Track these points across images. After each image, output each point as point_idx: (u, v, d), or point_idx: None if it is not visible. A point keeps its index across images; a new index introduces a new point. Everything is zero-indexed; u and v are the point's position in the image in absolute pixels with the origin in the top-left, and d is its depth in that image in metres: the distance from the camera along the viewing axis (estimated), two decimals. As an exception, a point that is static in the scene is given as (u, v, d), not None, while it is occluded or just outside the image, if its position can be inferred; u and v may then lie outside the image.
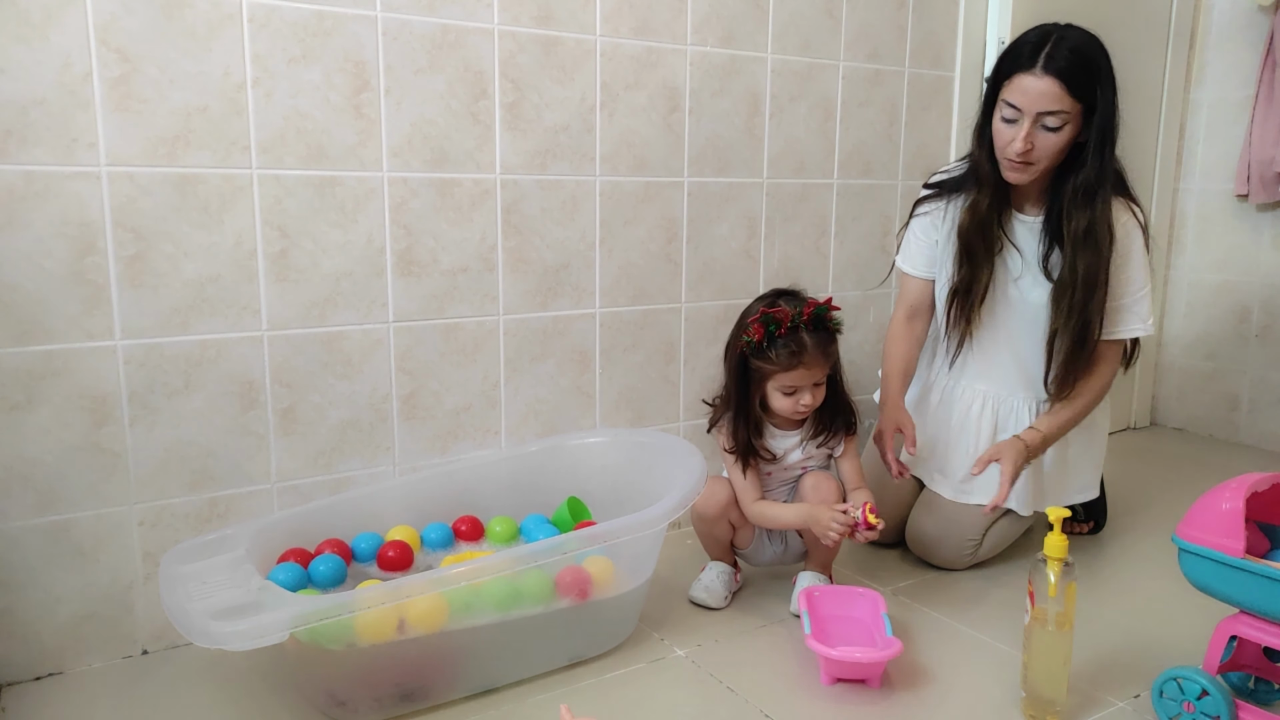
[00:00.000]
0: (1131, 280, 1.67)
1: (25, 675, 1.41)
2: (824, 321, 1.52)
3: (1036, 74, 1.53)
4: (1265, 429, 2.69)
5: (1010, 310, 1.75)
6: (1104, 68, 1.57)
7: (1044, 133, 1.57)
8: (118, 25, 1.35)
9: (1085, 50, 1.55)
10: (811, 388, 1.53)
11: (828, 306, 1.53)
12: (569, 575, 1.39)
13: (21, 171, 1.32)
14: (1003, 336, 1.77)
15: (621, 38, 1.78)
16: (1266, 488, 1.21)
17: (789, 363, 1.50)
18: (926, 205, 1.81)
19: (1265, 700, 1.29)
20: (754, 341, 1.51)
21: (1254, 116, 2.57)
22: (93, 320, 1.39)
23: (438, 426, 1.71)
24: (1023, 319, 1.73)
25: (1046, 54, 1.53)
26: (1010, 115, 1.58)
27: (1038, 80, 1.53)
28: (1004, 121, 1.59)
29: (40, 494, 1.39)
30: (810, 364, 1.50)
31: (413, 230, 1.63)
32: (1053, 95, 1.53)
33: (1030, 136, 1.56)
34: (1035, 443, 1.68)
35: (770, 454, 1.60)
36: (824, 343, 1.52)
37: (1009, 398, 1.79)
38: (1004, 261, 1.73)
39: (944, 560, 1.80)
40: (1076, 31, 1.58)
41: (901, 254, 1.87)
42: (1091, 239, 1.60)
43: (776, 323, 1.49)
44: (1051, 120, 1.55)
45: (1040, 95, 1.54)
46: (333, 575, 1.41)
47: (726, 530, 1.66)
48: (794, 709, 1.33)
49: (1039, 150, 1.58)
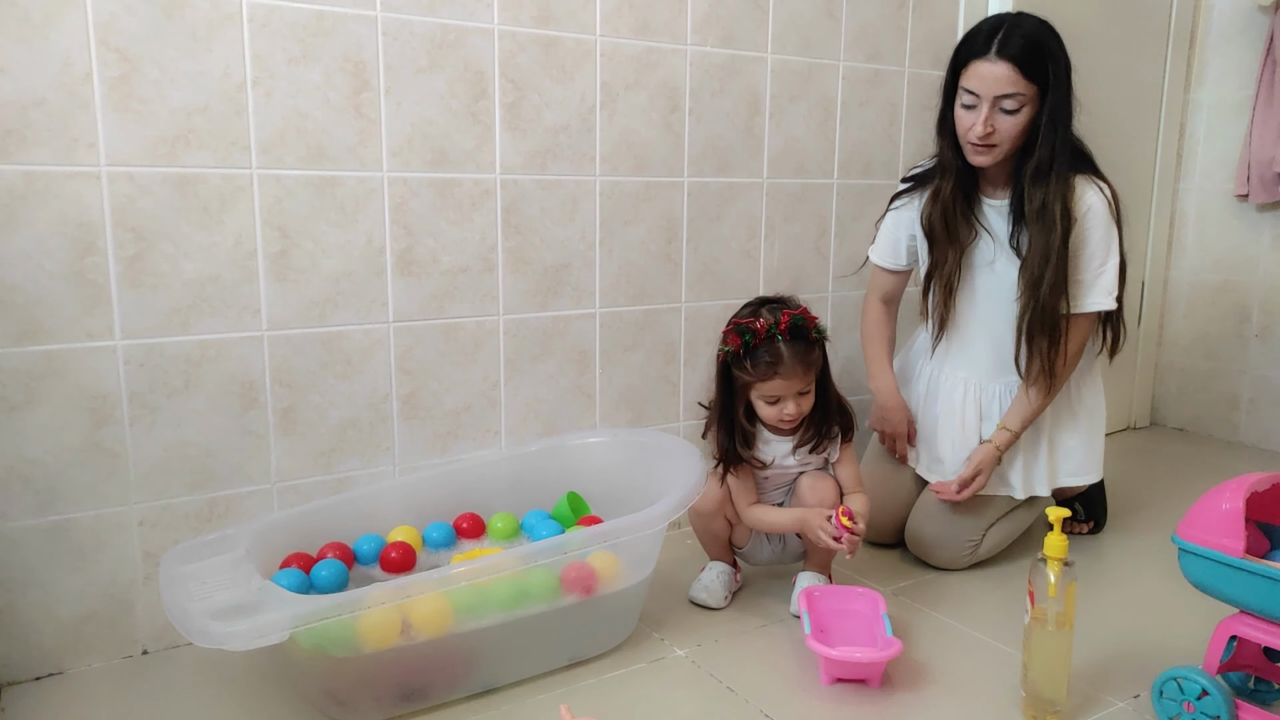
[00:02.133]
0: (1093, 255, 1.69)
1: (25, 675, 1.41)
2: (803, 330, 1.50)
3: (991, 59, 1.60)
4: (1265, 429, 2.69)
5: (988, 295, 1.78)
6: (1056, 51, 1.63)
7: (1003, 115, 1.62)
8: (118, 25, 1.35)
9: (1037, 35, 1.62)
10: (795, 397, 1.52)
11: (804, 316, 1.51)
12: (574, 571, 1.39)
13: (21, 171, 1.32)
14: (981, 322, 1.80)
15: (621, 38, 1.78)
16: (1266, 488, 1.21)
17: (766, 373, 1.49)
18: (901, 199, 1.86)
19: (1265, 700, 1.29)
20: (732, 351, 1.51)
21: (1254, 116, 2.57)
22: (93, 320, 1.39)
23: (438, 426, 1.71)
24: (1000, 302, 1.76)
25: (1000, 40, 1.60)
26: (969, 101, 1.64)
27: (993, 65, 1.60)
28: (964, 108, 1.66)
29: (40, 494, 1.39)
30: (788, 374, 1.49)
31: (413, 230, 1.63)
32: (1008, 79, 1.59)
33: (990, 120, 1.62)
34: (1005, 443, 1.74)
35: (760, 462, 1.59)
36: (802, 352, 1.50)
37: (990, 384, 1.81)
38: (978, 247, 1.77)
39: (943, 561, 1.80)
40: (1029, 18, 1.65)
41: (875, 246, 1.92)
42: (1047, 216, 1.64)
43: (752, 333, 1.48)
44: (1008, 103, 1.61)
45: (996, 80, 1.60)
46: (334, 581, 1.40)
47: (724, 527, 1.66)
48: (794, 709, 1.33)
49: (1000, 133, 1.64)
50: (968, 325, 1.81)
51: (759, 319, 1.50)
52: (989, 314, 1.78)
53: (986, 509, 1.79)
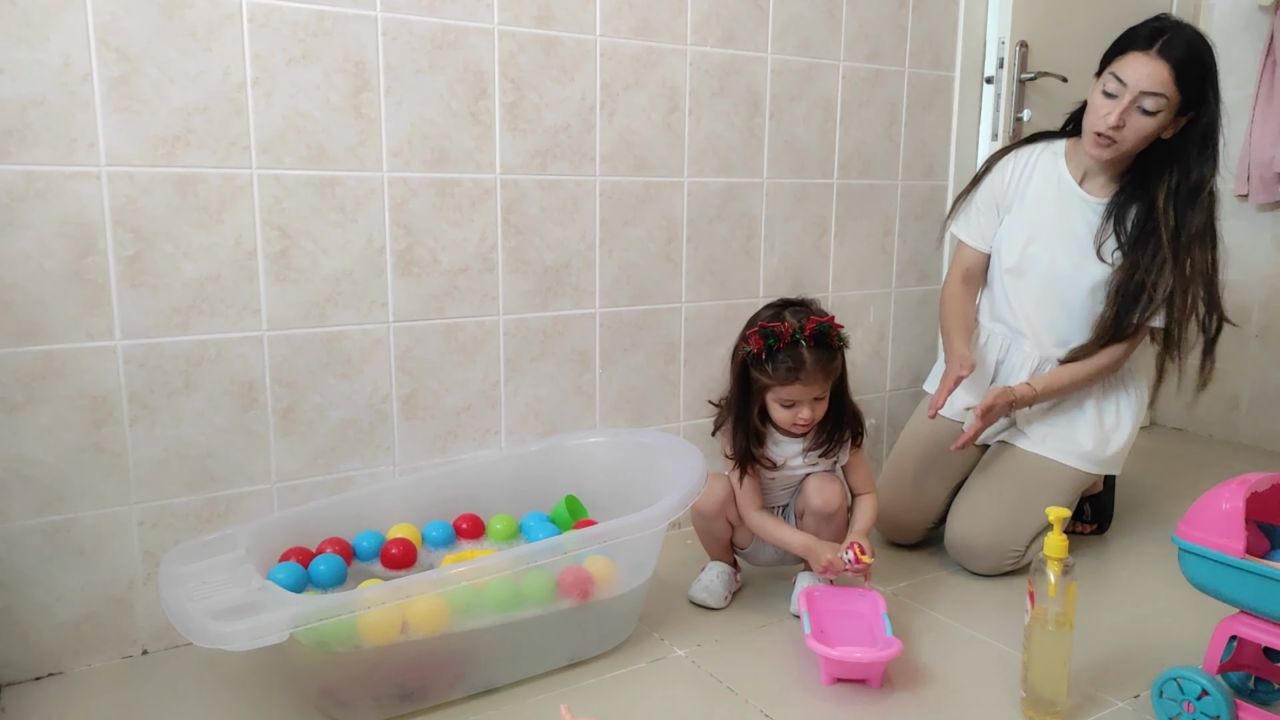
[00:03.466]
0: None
1: (25, 675, 1.41)
2: (826, 338, 1.50)
3: (1151, 54, 1.59)
4: (1265, 429, 2.69)
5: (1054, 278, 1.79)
6: (1213, 71, 1.62)
7: (1139, 114, 1.61)
8: (118, 25, 1.35)
9: (1199, 47, 1.61)
10: (811, 402, 1.52)
11: (830, 324, 1.50)
12: (570, 576, 1.39)
13: (21, 171, 1.32)
14: (1038, 296, 1.81)
15: (621, 38, 1.78)
16: (1266, 488, 1.21)
17: (786, 377, 1.49)
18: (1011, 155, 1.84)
19: (1265, 700, 1.29)
20: (753, 353, 1.50)
21: (1254, 116, 2.57)
22: (93, 320, 1.39)
23: (438, 426, 1.71)
24: (1064, 287, 1.77)
25: (1165, 39, 1.59)
26: (1113, 89, 1.62)
27: (1151, 60, 1.59)
28: (1104, 95, 1.64)
29: (40, 494, 1.39)
30: (808, 380, 1.49)
31: (413, 230, 1.63)
32: (1160, 78, 1.58)
33: (1126, 113, 1.61)
34: (1025, 396, 1.73)
35: (771, 462, 1.59)
36: (824, 359, 1.49)
37: (1021, 343, 1.83)
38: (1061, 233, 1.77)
39: (985, 569, 1.77)
40: (1194, 30, 1.63)
41: (961, 221, 1.89)
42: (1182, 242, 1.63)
43: (776, 336, 1.48)
44: (1150, 103, 1.59)
45: (1149, 75, 1.59)
46: (333, 575, 1.41)
47: (725, 528, 1.66)
48: (794, 709, 1.33)
49: (1129, 128, 1.62)
50: (1025, 295, 1.82)
51: (784, 321, 1.49)
52: (1046, 293, 1.79)
53: (1035, 519, 1.74)
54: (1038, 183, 1.80)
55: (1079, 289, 1.76)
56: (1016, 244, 1.81)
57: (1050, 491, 1.75)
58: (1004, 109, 2.25)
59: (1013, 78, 2.24)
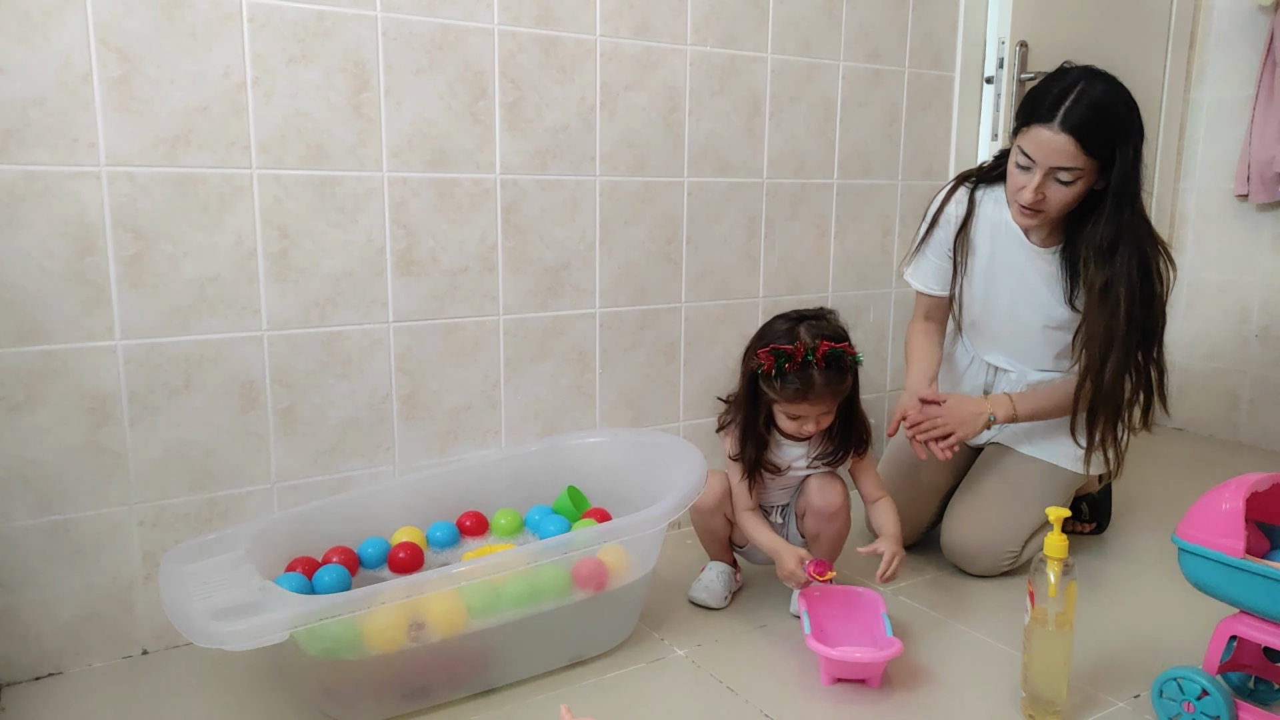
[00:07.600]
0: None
1: (25, 675, 1.41)
2: (838, 361, 1.47)
3: (1053, 129, 1.51)
4: (1265, 429, 2.69)
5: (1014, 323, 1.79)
6: (1125, 122, 1.54)
7: (1056, 185, 1.56)
8: (118, 25, 1.35)
9: (1106, 105, 1.52)
10: (817, 417, 1.52)
11: (844, 349, 1.48)
12: (586, 567, 1.39)
13: (21, 171, 1.32)
14: (1008, 342, 1.81)
15: (621, 38, 1.78)
16: (1266, 488, 1.21)
17: (794, 397, 1.48)
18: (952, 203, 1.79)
19: (1265, 700, 1.29)
20: (763, 369, 1.49)
21: (1254, 116, 2.57)
22: (93, 320, 1.39)
23: (438, 426, 1.71)
24: (1030, 331, 1.77)
25: (1066, 109, 1.51)
26: (1024, 163, 1.57)
27: (1054, 135, 1.51)
28: (1018, 167, 1.59)
29: (40, 494, 1.39)
30: (816, 400, 1.48)
31: (413, 230, 1.63)
32: (1067, 153, 1.52)
33: (1041, 188, 1.56)
34: (1002, 411, 1.71)
35: (775, 467, 1.59)
36: (834, 380, 1.48)
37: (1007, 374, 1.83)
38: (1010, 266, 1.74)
39: (982, 570, 1.76)
40: (1101, 83, 1.54)
41: (912, 269, 1.86)
42: (1110, 299, 1.57)
43: (788, 357, 1.46)
44: (1064, 175, 1.54)
45: (1054, 151, 1.52)
46: (336, 587, 1.38)
47: (723, 524, 1.66)
48: (794, 709, 1.33)
49: (1049, 200, 1.58)
50: (993, 326, 1.81)
51: (798, 340, 1.48)
52: (1010, 332, 1.79)
53: (1029, 518, 1.75)
54: (984, 231, 1.75)
55: (1045, 330, 1.75)
56: (975, 296, 1.79)
57: (1043, 492, 1.75)
58: (1004, 109, 2.25)
59: (1013, 78, 2.24)
